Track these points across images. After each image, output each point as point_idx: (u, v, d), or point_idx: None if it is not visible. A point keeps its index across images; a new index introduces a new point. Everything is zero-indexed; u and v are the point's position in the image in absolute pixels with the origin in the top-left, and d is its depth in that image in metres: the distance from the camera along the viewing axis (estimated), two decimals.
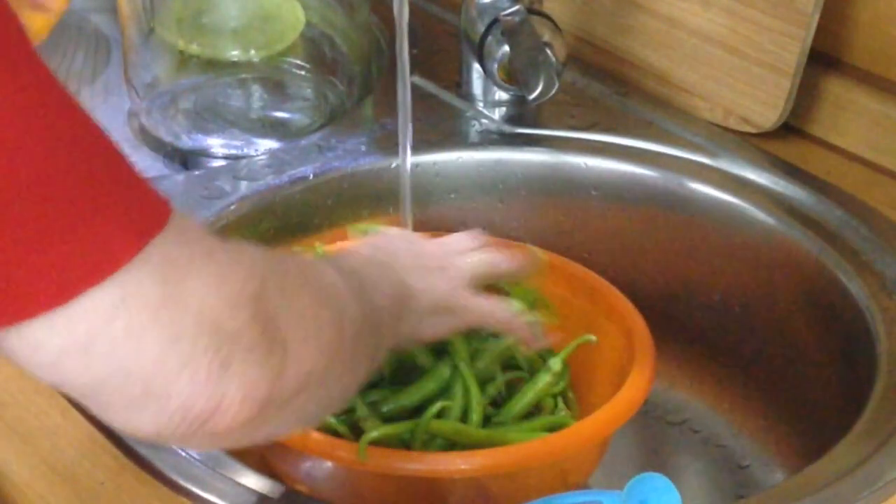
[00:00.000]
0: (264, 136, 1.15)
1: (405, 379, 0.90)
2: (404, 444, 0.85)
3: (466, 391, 0.88)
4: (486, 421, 0.90)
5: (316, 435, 0.81)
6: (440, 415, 0.87)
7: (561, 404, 0.93)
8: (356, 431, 0.85)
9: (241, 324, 0.59)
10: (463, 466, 0.82)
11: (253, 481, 0.77)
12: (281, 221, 1.04)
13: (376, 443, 0.82)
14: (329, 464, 0.84)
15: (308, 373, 0.63)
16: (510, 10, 1.07)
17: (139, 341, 0.56)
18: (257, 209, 1.04)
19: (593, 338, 0.91)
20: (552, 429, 0.89)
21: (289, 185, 1.06)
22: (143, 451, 0.79)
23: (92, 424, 0.80)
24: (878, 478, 0.78)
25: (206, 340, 0.57)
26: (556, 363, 0.92)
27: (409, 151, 0.97)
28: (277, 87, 1.19)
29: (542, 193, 1.10)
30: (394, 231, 0.90)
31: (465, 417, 0.88)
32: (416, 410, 0.88)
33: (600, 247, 1.09)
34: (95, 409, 0.60)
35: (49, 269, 0.54)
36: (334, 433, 0.84)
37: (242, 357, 0.59)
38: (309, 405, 0.65)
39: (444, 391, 0.89)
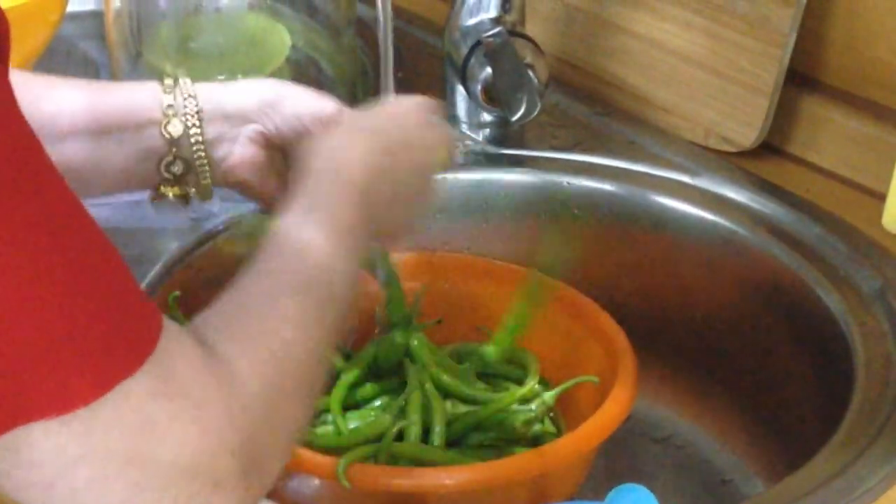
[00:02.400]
0: None
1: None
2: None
3: (429, 412, 0.89)
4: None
5: (303, 452, 0.82)
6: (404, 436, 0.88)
7: (546, 420, 0.94)
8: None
9: (220, 473, 0.57)
10: (448, 482, 0.83)
11: None
12: None
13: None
14: (316, 480, 0.85)
15: (282, 465, 0.62)
16: (492, 33, 1.08)
17: (101, 491, 0.54)
18: (245, 230, 1.05)
19: (596, 379, 0.91)
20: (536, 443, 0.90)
21: None
22: None
23: None
24: (856, 487, 0.79)
25: (176, 491, 0.56)
26: (550, 398, 0.92)
27: None
28: None
29: (525, 213, 1.12)
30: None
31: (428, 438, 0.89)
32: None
33: (583, 265, 1.10)
34: None
35: (11, 396, 0.52)
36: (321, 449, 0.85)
37: (218, 498, 0.57)
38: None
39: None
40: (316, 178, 0.75)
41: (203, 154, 0.83)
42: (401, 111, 0.85)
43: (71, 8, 1.22)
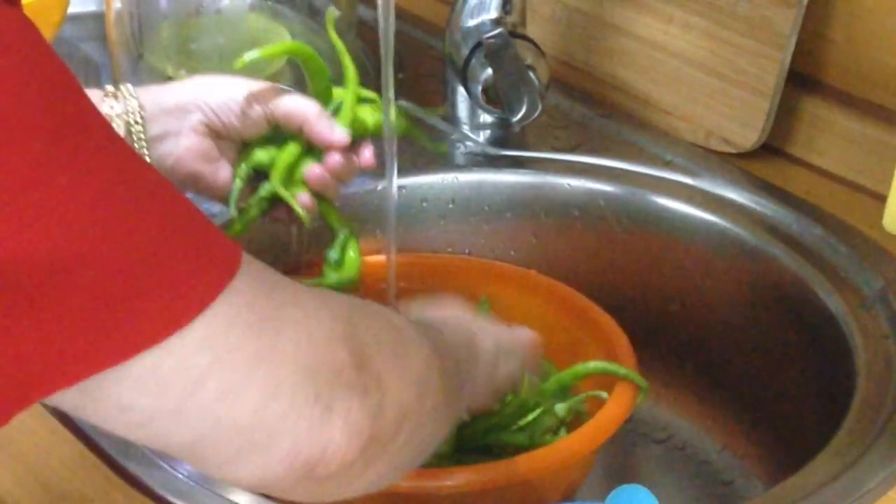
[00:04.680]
0: None
1: None
2: None
3: None
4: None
5: None
6: None
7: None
8: None
9: (338, 364, 0.56)
10: (449, 483, 0.83)
11: (242, 497, 0.78)
12: (269, 243, 1.05)
13: None
14: None
15: (405, 408, 0.60)
16: (493, 34, 1.08)
17: (235, 400, 0.53)
18: (246, 231, 1.05)
19: (604, 394, 0.90)
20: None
21: None
22: (131, 467, 0.79)
23: (81, 442, 0.81)
24: (857, 489, 0.80)
25: (305, 387, 0.55)
26: (561, 409, 0.92)
27: (395, 174, 0.98)
28: None
29: (526, 214, 1.12)
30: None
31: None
32: None
33: (584, 266, 1.11)
34: (191, 464, 0.57)
35: (128, 321, 0.50)
36: None
37: (343, 398, 0.56)
38: (406, 448, 0.62)
39: None
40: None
41: (146, 153, 0.84)
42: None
43: (72, 9, 1.23)
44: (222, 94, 0.87)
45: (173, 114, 0.86)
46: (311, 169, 0.88)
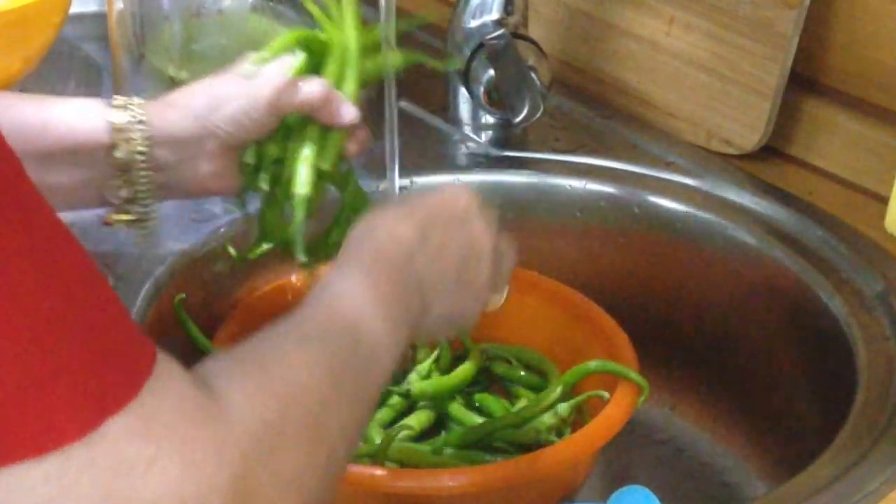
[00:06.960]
0: None
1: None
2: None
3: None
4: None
5: None
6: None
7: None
8: None
9: None
10: (450, 483, 0.83)
11: None
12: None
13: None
14: None
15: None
16: (495, 35, 1.09)
17: None
18: (247, 232, 1.05)
19: (606, 395, 0.90)
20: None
21: None
22: None
23: None
24: (859, 490, 0.79)
25: None
26: (564, 409, 0.92)
27: (396, 175, 0.98)
28: None
29: (527, 215, 1.12)
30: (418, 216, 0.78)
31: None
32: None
33: (585, 267, 1.11)
34: None
35: None
36: None
37: None
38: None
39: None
40: (355, 246, 0.73)
41: (147, 180, 0.82)
42: (447, 195, 0.81)
43: (74, 9, 1.23)
44: (234, 110, 0.83)
45: (187, 143, 0.84)
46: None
